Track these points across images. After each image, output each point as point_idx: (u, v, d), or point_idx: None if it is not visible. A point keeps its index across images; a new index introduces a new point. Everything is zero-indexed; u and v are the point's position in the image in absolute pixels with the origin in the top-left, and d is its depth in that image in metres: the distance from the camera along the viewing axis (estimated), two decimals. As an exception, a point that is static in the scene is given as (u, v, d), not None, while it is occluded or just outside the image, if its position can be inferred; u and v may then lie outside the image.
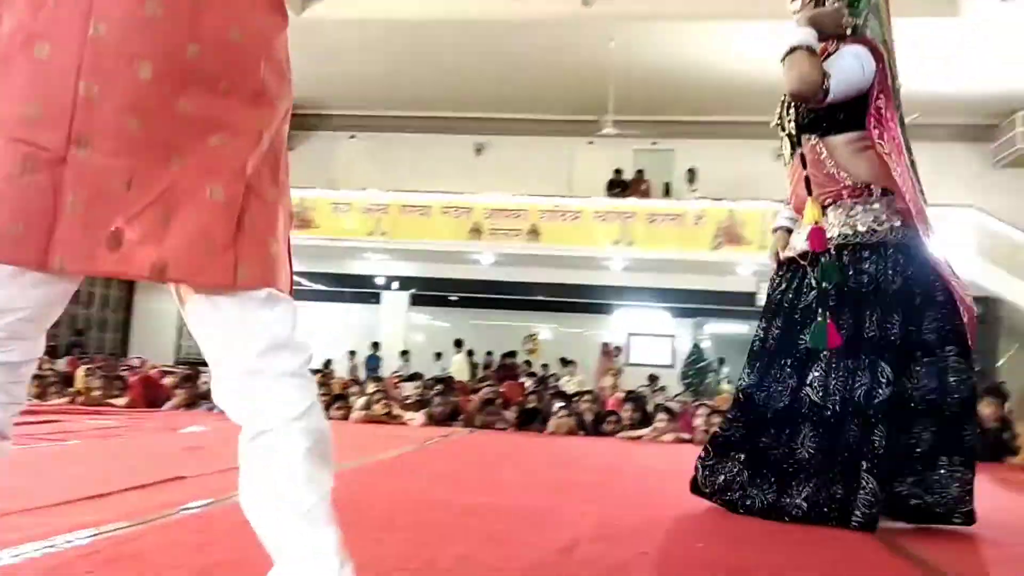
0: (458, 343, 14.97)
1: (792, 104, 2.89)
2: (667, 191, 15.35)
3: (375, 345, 14.96)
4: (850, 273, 2.72)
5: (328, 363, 14.67)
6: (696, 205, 13.82)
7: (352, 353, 14.98)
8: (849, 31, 2.85)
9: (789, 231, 3.03)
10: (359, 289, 16.26)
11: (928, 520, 2.62)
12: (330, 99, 15.70)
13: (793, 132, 2.89)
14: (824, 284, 2.71)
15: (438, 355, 15.11)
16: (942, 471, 2.60)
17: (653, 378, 13.76)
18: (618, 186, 15.00)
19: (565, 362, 13.69)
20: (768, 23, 11.20)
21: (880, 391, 2.59)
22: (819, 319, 2.68)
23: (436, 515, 2.55)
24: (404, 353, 14.85)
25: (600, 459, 4.83)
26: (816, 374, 2.70)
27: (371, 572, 1.78)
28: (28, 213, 1.06)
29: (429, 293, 16.22)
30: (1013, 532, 2.83)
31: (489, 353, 15.74)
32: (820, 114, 2.79)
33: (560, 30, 11.95)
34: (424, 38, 12.47)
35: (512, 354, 14.95)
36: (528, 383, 9.71)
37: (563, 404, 6.90)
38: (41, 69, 1.07)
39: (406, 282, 15.73)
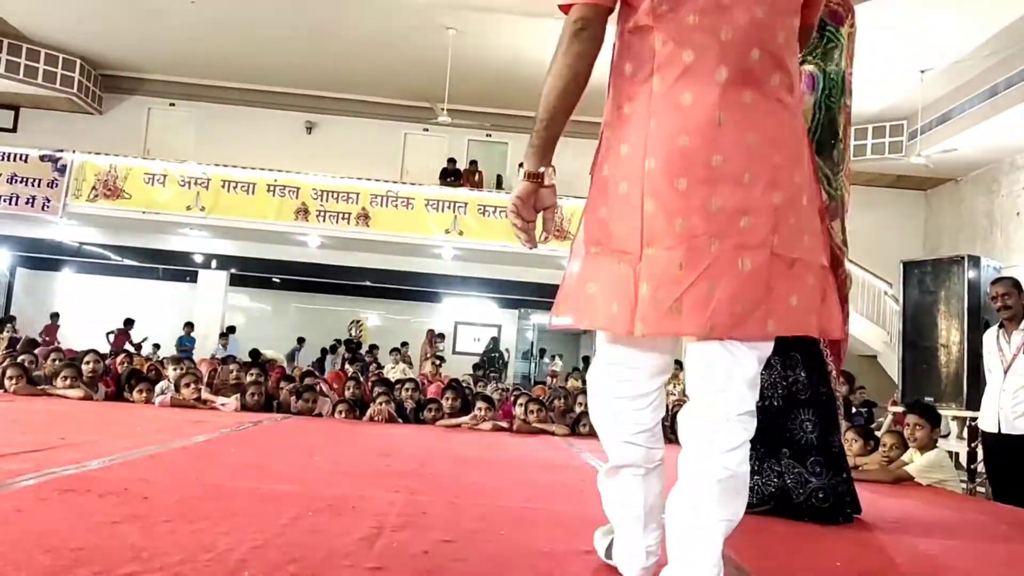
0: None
1: None
2: (499, 183, 15.53)
3: (189, 326, 14.21)
4: None
5: (139, 344, 13.84)
6: (526, 199, 14.02)
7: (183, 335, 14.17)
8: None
9: None
10: (174, 266, 15.38)
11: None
12: (147, 62, 14.73)
13: None
14: None
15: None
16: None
17: (477, 367, 13.95)
18: (451, 175, 15.02)
19: (370, 346, 13.53)
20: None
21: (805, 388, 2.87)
22: None
23: (236, 504, 2.44)
24: (226, 334, 14.20)
25: (417, 447, 4.81)
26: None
27: (156, 565, 1.68)
28: (620, 297, 1.56)
29: (251, 274, 15.59)
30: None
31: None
32: None
33: (399, 14, 11.78)
34: (255, 7, 11.92)
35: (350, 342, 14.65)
36: (351, 370, 9.55)
37: (382, 391, 6.82)
38: (623, 200, 1.59)
39: (226, 261, 15.01)
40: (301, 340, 15.52)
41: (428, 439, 5.38)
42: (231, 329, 14.77)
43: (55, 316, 14.53)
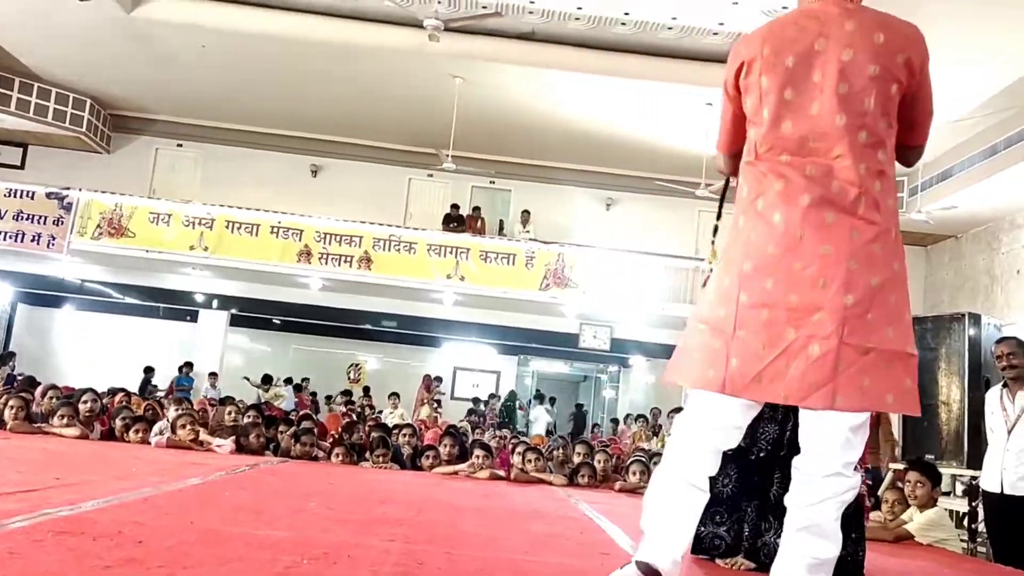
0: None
1: None
2: (501, 229, 15.63)
3: (188, 365, 14.16)
4: None
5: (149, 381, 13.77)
6: (528, 246, 14.15)
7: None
8: None
9: None
10: (175, 305, 15.39)
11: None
12: (157, 103, 14.93)
13: None
14: None
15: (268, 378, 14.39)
16: None
17: (472, 412, 13.86)
18: (454, 221, 15.12)
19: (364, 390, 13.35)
20: (605, 79, 11.79)
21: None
22: None
23: (230, 550, 2.42)
24: (216, 374, 14.15)
25: (414, 494, 4.77)
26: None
27: (148, 612, 1.66)
28: (715, 365, 1.99)
29: (251, 314, 15.59)
30: None
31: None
32: None
33: (406, 62, 11.97)
34: (265, 53, 12.11)
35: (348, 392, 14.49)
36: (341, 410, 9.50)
37: (381, 436, 6.78)
38: (726, 292, 2.04)
39: (227, 301, 15.03)
40: (304, 382, 15.34)
41: (425, 486, 5.33)
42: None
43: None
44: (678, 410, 13.21)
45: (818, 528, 1.97)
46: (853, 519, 2.90)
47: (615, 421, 12.97)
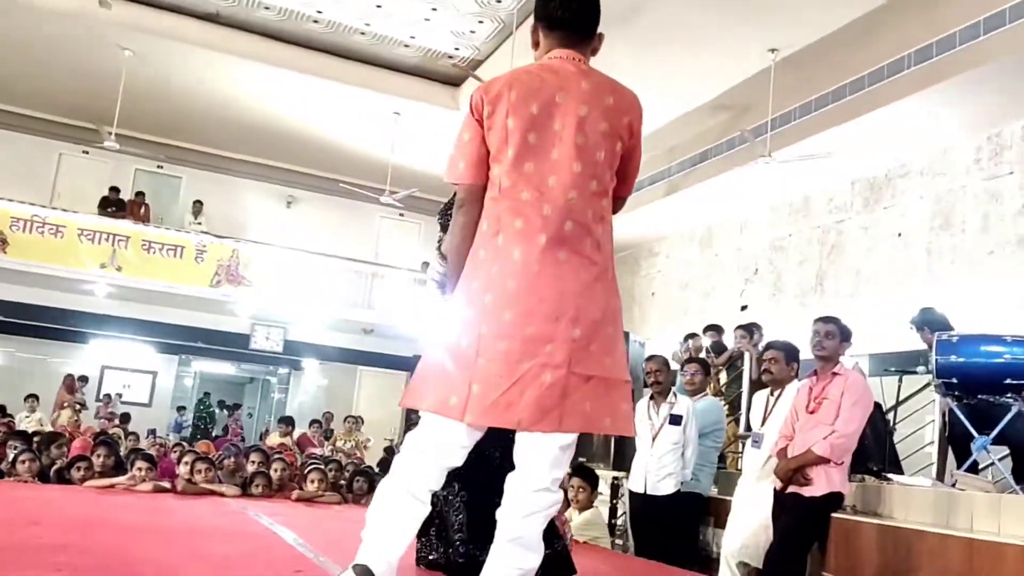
0: None
1: None
2: (173, 221, 14.48)
3: None
4: None
5: None
6: (199, 238, 13.31)
7: None
8: None
9: None
10: None
11: None
12: None
13: None
14: None
15: None
16: None
17: (126, 417, 12.68)
18: (113, 205, 13.74)
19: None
20: (292, 74, 11.48)
21: None
22: None
23: None
24: None
25: (70, 513, 4.26)
26: None
27: None
28: (457, 393, 2.09)
29: None
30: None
31: None
32: None
33: (66, 25, 10.64)
34: None
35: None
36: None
37: (25, 448, 5.94)
38: (468, 322, 2.14)
39: None
40: None
41: (81, 503, 4.78)
42: None
43: None
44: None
45: (525, 540, 2.11)
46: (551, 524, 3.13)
47: (288, 422, 12.39)
